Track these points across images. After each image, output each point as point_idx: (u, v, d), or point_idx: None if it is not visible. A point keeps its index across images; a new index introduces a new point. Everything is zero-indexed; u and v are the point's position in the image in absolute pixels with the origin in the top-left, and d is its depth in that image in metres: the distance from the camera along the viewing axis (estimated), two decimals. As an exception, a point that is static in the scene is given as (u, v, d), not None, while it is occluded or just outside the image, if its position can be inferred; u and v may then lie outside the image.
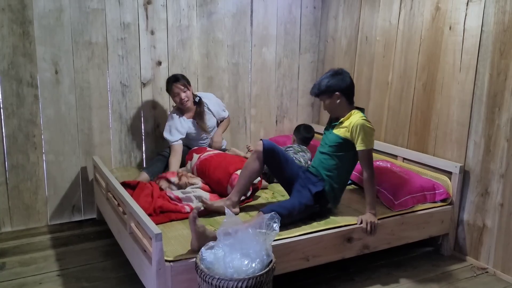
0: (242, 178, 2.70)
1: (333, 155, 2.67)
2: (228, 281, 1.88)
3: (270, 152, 2.68)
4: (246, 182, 2.70)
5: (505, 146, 2.69)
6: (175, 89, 3.27)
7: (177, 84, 3.26)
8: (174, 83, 3.26)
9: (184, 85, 3.28)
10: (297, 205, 2.55)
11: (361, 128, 2.58)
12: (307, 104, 4.30)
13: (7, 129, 3.12)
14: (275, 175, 2.92)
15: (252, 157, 2.70)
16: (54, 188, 3.33)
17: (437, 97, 3.09)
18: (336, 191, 2.70)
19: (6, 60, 3.05)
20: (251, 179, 2.72)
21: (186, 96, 3.29)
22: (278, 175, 2.85)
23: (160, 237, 2.01)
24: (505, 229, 2.72)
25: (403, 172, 3.05)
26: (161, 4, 3.48)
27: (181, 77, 3.31)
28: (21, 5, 3.03)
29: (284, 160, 2.73)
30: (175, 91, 3.27)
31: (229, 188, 2.81)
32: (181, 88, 3.27)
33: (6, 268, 2.73)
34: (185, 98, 3.28)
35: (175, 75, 3.34)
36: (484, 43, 2.77)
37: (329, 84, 2.66)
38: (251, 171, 2.69)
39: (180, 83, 3.27)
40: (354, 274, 2.74)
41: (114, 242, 2.85)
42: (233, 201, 2.67)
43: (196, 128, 3.44)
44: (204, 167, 3.02)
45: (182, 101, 3.28)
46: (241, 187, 2.69)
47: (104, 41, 3.33)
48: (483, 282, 2.71)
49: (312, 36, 4.17)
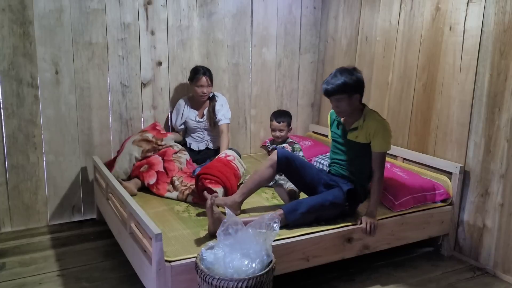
0: (251, 182, 2.69)
1: (355, 160, 2.62)
2: (228, 281, 1.88)
3: (284, 162, 2.65)
4: (254, 187, 2.69)
5: (505, 147, 2.69)
6: (203, 80, 3.40)
7: (206, 77, 3.41)
8: (204, 75, 3.41)
9: (210, 80, 3.46)
10: (320, 202, 2.51)
11: (381, 131, 2.53)
12: (307, 105, 4.30)
13: (7, 129, 3.12)
14: (294, 183, 2.81)
15: (266, 164, 2.68)
16: (54, 188, 3.33)
17: (437, 97, 3.09)
18: (366, 187, 2.68)
19: (7, 60, 3.05)
20: (260, 185, 2.71)
21: (208, 91, 3.46)
22: (297, 183, 2.78)
23: (160, 237, 2.01)
24: (505, 229, 2.72)
25: (403, 173, 3.05)
26: (161, 5, 3.48)
27: (209, 72, 3.47)
28: (21, 6, 3.03)
29: (301, 167, 2.68)
30: (201, 83, 3.41)
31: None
32: (208, 82, 3.43)
33: (6, 268, 2.72)
34: (206, 92, 3.44)
35: (204, 67, 3.48)
36: (484, 44, 2.77)
37: (350, 83, 2.48)
38: (262, 178, 2.67)
39: (208, 77, 3.43)
40: (354, 274, 2.74)
41: (114, 242, 2.85)
42: (236, 201, 2.66)
43: (196, 121, 3.55)
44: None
45: (204, 94, 3.44)
46: (247, 190, 2.68)
47: (104, 41, 3.33)
48: (483, 283, 2.71)
49: (312, 36, 4.17)
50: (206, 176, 2.82)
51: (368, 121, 2.56)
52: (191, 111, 3.55)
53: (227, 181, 2.85)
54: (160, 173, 3.04)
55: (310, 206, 2.49)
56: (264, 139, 4.06)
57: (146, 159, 3.12)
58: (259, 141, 4.10)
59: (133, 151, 3.16)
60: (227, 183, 2.85)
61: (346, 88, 2.48)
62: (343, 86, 2.47)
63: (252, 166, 3.71)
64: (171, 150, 3.20)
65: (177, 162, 3.13)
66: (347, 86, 2.48)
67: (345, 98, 2.51)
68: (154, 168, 3.06)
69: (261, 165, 2.72)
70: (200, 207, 2.80)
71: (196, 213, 2.73)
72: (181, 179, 3.00)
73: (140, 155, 3.16)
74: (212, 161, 3.06)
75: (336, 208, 2.57)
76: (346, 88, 2.48)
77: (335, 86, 2.48)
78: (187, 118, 3.55)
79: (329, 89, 2.51)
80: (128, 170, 3.14)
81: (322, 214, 2.53)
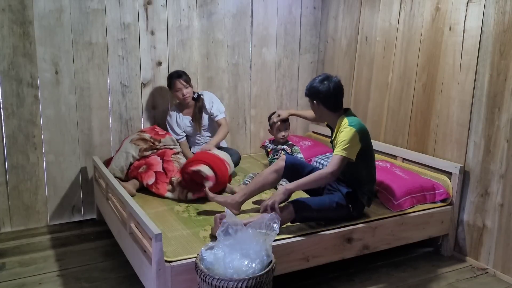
0: (254, 184, 2.70)
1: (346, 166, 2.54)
2: (228, 281, 1.88)
3: (291, 168, 2.67)
4: (256, 190, 2.70)
5: (505, 147, 2.69)
6: (178, 84, 3.37)
7: (180, 80, 3.37)
8: (177, 79, 3.37)
9: (186, 81, 3.40)
10: (327, 202, 2.52)
11: (342, 138, 2.45)
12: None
13: (7, 129, 3.12)
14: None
15: (271, 168, 2.69)
16: (54, 188, 3.33)
17: (437, 97, 3.09)
18: (366, 192, 2.63)
19: (6, 60, 3.05)
20: (263, 188, 2.72)
21: (187, 92, 3.40)
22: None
23: (160, 237, 2.01)
24: (505, 229, 2.72)
25: (403, 172, 3.05)
26: (161, 5, 3.48)
27: (183, 73, 3.43)
28: (21, 6, 3.03)
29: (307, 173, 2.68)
30: (177, 87, 3.37)
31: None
32: (183, 84, 3.38)
33: (6, 269, 2.72)
34: (186, 94, 3.39)
35: (177, 71, 3.44)
36: (484, 44, 2.77)
37: (311, 89, 2.59)
38: (266, 181, 2.68)
39: (183, 79, 3.38)
40: (354, 275, 2.74)
41: (114, 243, 2.85)
42: (237, 201, 2.66)
43: (193, 126, 3.53)
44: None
45: (184, 96, 3.39)
46: (249, 192, 2.69)
47: (104, 41, 3.33)
48: (483, 283, 2.71)
49: (312, 37, 4.17)
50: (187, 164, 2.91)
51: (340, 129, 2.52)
52: (184, 118, 3.52)
53: (209, 161, 2.91)
54: (159, 173, 3.04)
55: (320, 205, 2.49)
56: (264, 139, 4.06)
57: (144, 160, 3.12)
58: (259, 141, 4.10)
59: (130, 149, 3.16)
60: (210, 162, 2.90)
61: (306, 91, 2.63)
62: (307, 88, 2.62)
63: (252, 166, 3.71)
64: (170, 151, 3.21)
65: (176, 162, 3.13)
66: (307, 90, 2.62)
67: (309, 102, 2.65)
68: (153, 168, 3.06)
69: (267, 169, 2.73)
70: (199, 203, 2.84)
71: (196, 213, 2.74)
72: (180, 179, 3.00)
73: (138, 153, 3.15)
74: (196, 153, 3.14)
75: (341, 209, 2.56)
76: (307, 92, 2.63)
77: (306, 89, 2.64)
78: (183, 126, 3.52)
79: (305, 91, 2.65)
80: (124, 168, 3.13)
81: (328, 214, 2.53)
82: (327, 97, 2.56)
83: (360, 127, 2.50)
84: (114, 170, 3.11)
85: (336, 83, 2.57)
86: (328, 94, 2.55)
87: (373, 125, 3.63)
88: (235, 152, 3.53)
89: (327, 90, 2.54)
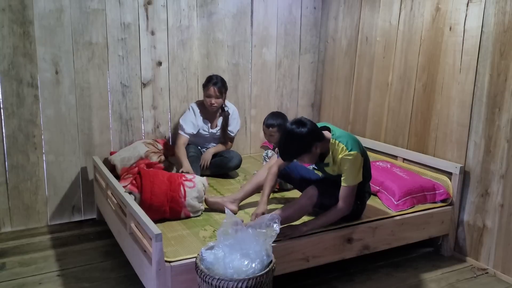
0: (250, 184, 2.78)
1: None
2: (228, 281, 1.88)
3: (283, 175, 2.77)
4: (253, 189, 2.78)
5: (505, 147, 2.69)
6: (211, 90, 3.33)
7: (215, 88, 3.33)
8: (213, 85, 3.33)
9: (220, 91, 3.34)
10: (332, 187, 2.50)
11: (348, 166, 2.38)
12: (307, 105, 4.30)
13: (7, 129, 3.12)
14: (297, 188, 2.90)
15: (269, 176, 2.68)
16: (54, 188, 3.33)
17: (437, 97, 3.09)
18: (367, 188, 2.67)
19: (7, 60, 3.05)
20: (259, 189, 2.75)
21: (216, 102, 3.36)
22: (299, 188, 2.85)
23: (160, 238, 2.01)
24: (505, 229, 2.72)
25: (403, 173, 3.05)
26: (162, 5, 3.48)
27: (222, 83, 3.38)
28: (22, 6, 3.03)
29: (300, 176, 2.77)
30: (209, 93, 3.34)
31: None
32: (216, 94, 3.33)
33: (6, 268, 2.72)
34: (214, 103, 3.35)
35: (217, 77, 3.39)
36: (484, 44, 2.77)
37: (298, 151, 2.35)
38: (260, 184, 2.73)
39: (217, 87, 3.33)
40: (354, 275, 2.74)
41: (114, 243, 2.85)
42: (235, 198, 2.68)
43: (209, 134, 3.52)
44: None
45: (212, 105, 3.36)
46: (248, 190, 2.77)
47: (105, 41, 3.33)
48: (483, 283, 2.71)
49: (312, 37, 4.17)
50: (136, 174, 2.70)
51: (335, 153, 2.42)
52: (199, 119, 3.44)
53: (147, 190, 2.59)
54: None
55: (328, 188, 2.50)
56: (264, 139, 4.06)
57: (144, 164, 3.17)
58: (259, 141, 4.10)
59: (139, 147, 3.27)
60: (147, 192, 2.58)
61: (298, 151, 2.37)
62: (291, 153, 2.40)
63: (252, 166, 3.71)
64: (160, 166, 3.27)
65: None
66: (300, 148, 2.36)
67: (306, 156, 2.40)
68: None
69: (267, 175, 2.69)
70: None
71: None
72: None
73: (144, 153, 3.24)
74: (165, 174, 2.80)
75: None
76: (300, 151, 2.37)
77: (289, 156, 2.42)
78: (200, 129, 3.46)
79: (286, 159, 2.46)
80: (125, 159, 3.20)
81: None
82: (317, 132, 2.38)
83: (357, 144, 2.42)
84: (115, 158, 3.21)
85: (307, 121, 2.37)
86: (316, 129, 2.39)
87: (373, 125, 3.63)
88: (236, 154, 3.53)
89: (304, 137, 2.31)
